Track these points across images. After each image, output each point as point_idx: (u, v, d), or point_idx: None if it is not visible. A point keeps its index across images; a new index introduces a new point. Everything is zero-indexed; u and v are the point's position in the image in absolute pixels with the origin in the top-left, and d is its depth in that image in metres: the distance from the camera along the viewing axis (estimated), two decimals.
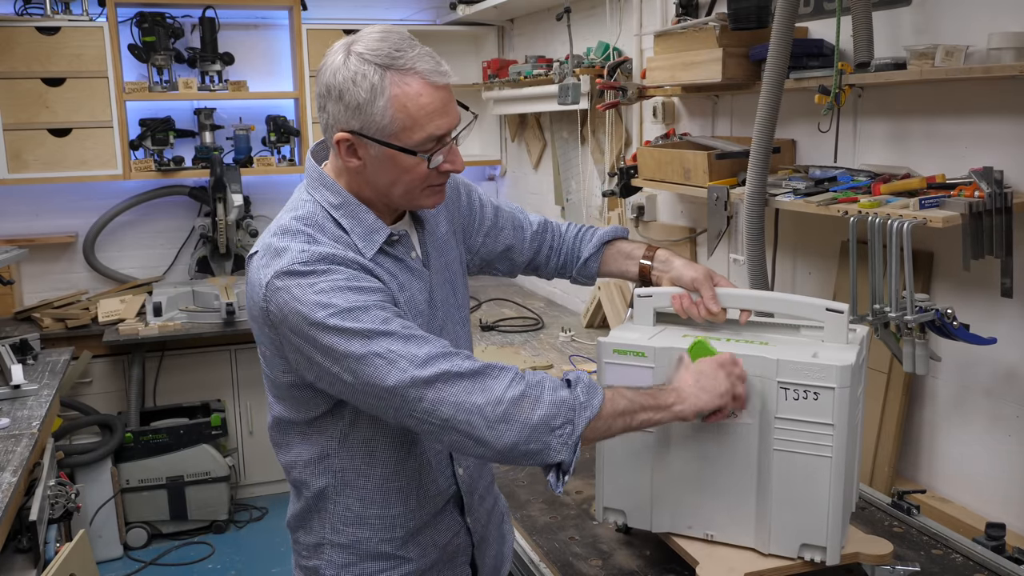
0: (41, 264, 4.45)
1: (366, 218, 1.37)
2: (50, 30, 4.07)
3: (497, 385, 1.25)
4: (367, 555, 1.45)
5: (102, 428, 4.00)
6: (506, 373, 1.27)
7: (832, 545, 1.45)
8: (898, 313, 1.87)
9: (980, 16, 1.94)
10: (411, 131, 1.29)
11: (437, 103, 1.29)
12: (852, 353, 1.45)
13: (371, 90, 1.27)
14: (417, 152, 1.30)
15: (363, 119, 1.28)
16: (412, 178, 1.33)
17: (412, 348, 1.24)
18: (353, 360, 1.24)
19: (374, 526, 1.44)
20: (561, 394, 1.27)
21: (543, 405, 1.25)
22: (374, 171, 1.33)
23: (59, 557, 2.41)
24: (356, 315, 1.24)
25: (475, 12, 4.39)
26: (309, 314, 1.24)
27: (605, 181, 3.52)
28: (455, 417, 1.24)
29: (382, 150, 1.30)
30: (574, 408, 1.27)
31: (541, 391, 1.26)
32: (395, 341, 1.24)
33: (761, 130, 2.24)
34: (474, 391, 1.24)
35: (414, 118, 1.28)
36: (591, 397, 1.29)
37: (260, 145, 4.64)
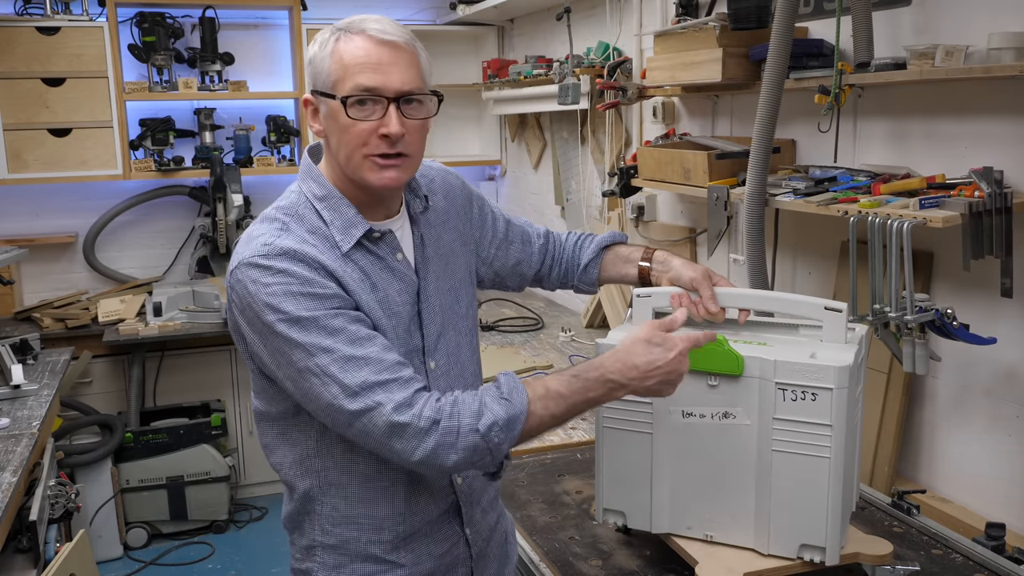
0: (41, 264, 4.45)
1: (347, 212, 1.37)
2: (50, 30, 4.07)
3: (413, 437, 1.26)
4: (357, 556, 1.44)
5: (102, 428, 4.00)
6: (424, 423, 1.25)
7: (831, 545, 1.45)
8: (898, 313, 1.87)
9: (980, 16, 1.94)
10: (343, 81, 1.31)
11: (373, 58, 1.31)
12: (850, 353, 1.45)
13: (322, 47, 1.34)
14: (336, 96, 1.31)
15: (313, 74, 1.35)
16: (350, 139, 1.32)
17: (348, 374, 1.26)
18: (294, 371, 1.28)
19: (362, 526, 1.43)
20: (473, 440, 1.27)
21: (457, 452, 1.27)
22: (331, 137, 1.36)
23: (59, 557, 2.41)
24: (302, 326, 1.26)
25: (475, 12, 4.39)
26: (260, 314, 1.28)
27: (605, 181, 3.52)
28: (379, 450, 1.29)
29: (328, 107, 1.33)
30: (489, 451, 1.28)
31: (456, 439, 1.26)
32: (333, 363, 1.26)
33: (761, 130, 2.23)
34: (392, 438, 1.26)
35: (346, 67, 1.31)
36: (508, 433, 1.28)
37: (260, 145, 4.64)
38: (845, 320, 1.51)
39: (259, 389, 1.43)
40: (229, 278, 1.33)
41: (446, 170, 1.62)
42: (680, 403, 1.51)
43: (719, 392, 1.48)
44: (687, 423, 1.51)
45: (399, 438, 1.26)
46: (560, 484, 2.07)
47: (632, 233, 3.47)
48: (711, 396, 1.49)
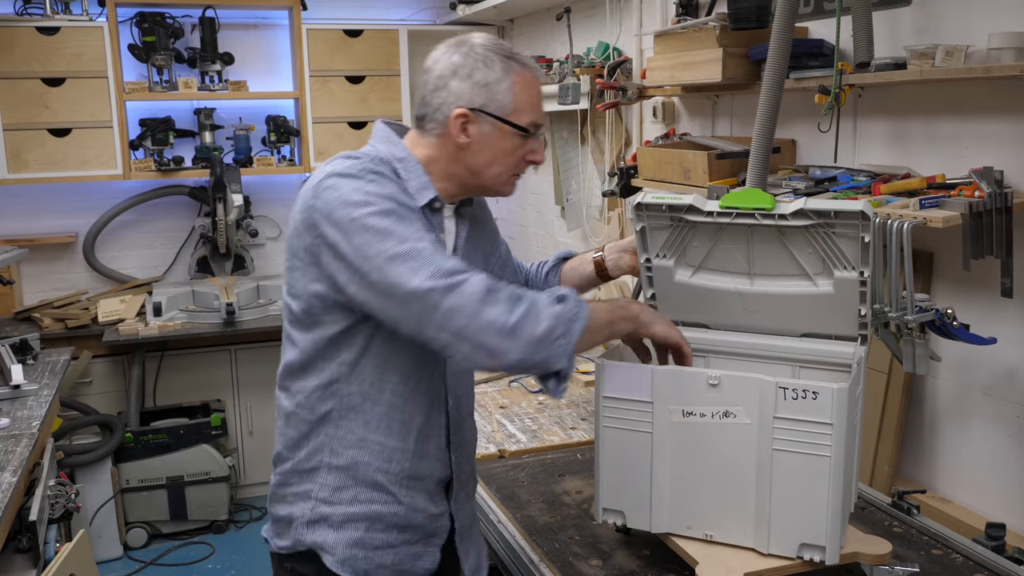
0: (41, 264, 4.46)
1: (422, 177, 1.48)
2: (50, 30, 4.07)
3: (507, 301, 1.32)
4: (362, 481, 1.49)
5: (102, 428, 4.00)
6: (514, 291, 1.35)
7: (831, 545, 1.45)
8: (898, 313, 1.87)
9: (980, 16, 1.94)
10: (522, 114, 1.46)
11: (538, 97, 1.50)
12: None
13: (500, 71, 1.44)
14: (529, 131, 1.47)
15: (487, 96, 1.44)
16: (509, 160, 1.48)
17: (439, 259, 1.32)
18: (383, 259, 1.32)
19: (374, 452, 1.49)
20: (556, 308, 1.35)
21: (544, 319, 1.33)
22: (478, 149, 1.47)
23: (59, 557, 2.41)
24: (396, 217, 1.34)
25: (475, 12, 4.39)
26: (353, 210, 1.34)
27: (605, 181, 3.52)
28: (468, 327, 1.30)
29: (495, 128, 1.45)
30: (570, 319, 1.36)
31: (540, 308, 1.34)
32: (425, 249, 1.32)
33: (761, 130, 2.23)
34: (486, 304, 1.30)
35: (527, 103, 1.46)
36: (580, 308, 1.38)
37: (260, 145, 4.64)
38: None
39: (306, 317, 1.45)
40: (315, 189, 1.39)
41: None
42: (680, 402, 1.51)
43: (719, 391, 1.48)
44: (687, 422, 1.51)
45: (493, 304, 1.31)
46: (560, 484, 2.07)
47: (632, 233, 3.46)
48: (711, 395, 1.49)
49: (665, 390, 1.52)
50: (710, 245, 1.67)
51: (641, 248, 1.73)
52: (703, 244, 1.67)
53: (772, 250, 1.61)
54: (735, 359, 1.73)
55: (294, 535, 1.53)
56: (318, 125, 4.53)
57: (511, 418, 2.55)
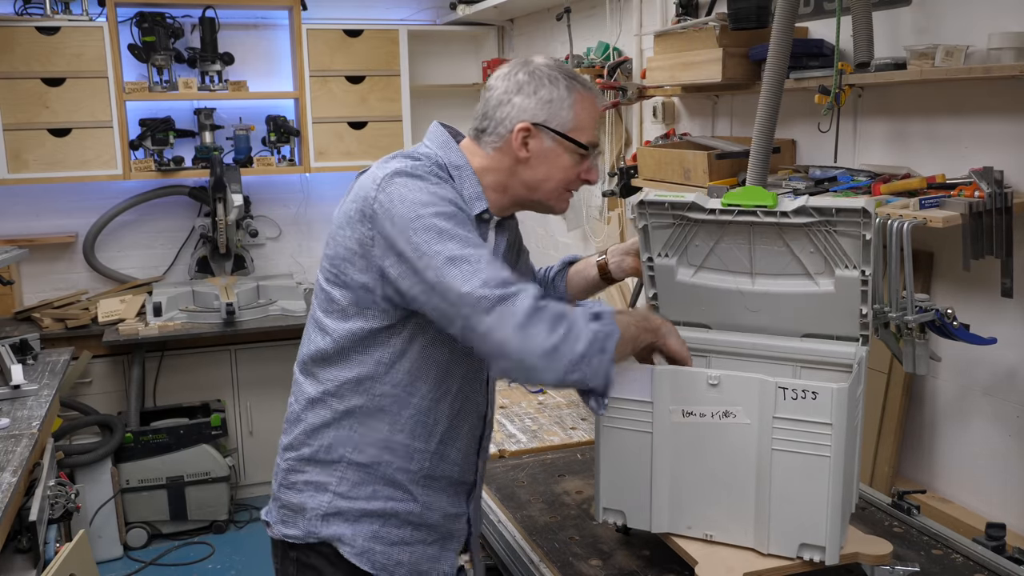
0: (41, 264, 4.45)
1: (475, 186, 1.51)
2: (50, 30, 4.07)
3: (549, 322, 1.33)
4: (382, 479, 1.50)
5: (102, 428, 4.00)
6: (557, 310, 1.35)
7: (831, 545, 1.45)
8: (898, 313, 1.87)
9: (980, 16, 1.94)
10: (581, 132, 1.50)
11: (596, 119, 1.55)
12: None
13: (565, 90, 1.49)
14: (588, 148, 1.51)
15: (550, 112, 1.48)
16: (564, 177, 1.52)
17: (495, 269, 1.35)
18: (442, 259, 1.34)
19: (396, 452, 1.50)
20: (593, 327, 1.36)
21: (583, 340, 1.33)
22: (536, 164, 1.50)
23: (59, 557, 2.41)
24: (457, 222, 1.38)
25: (475, 12, 4.39)
26: (418, 209, 1.37)
27: (605, 181, 3.52)
28: (510, 342, 1.31)
29: (555, 143, 1.49)
30: (606, 337, 1.36)
31: (581, 326, 1.35)
32: (484, 257, 1.35)
33: (761, 130, 2.23)
34: (530, 323, 1.31)
35: (587, 122, 1.51)
36: (615, 325, 1.39)
37: (260, 145, 4.64)
38: None
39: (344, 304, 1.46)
40: (379, 184, 1.40)
41: None
42: (680, 402, 1.51)
43: (719, 391, 1.48)
44: (687, 422, 1.51)
45: (538, 321, 1.32)
46: (560, 484, 2.07)
47: (632, 233, 3.46)
48: (711, 395, 1.49)
49: (665, 390, 1.52)
50: (712, 243, 1.67)
51: (643, 247, 1.73)
52: (705, 243, 1.67)
53: (774, 249, 1.61)
54: (736, 359, 1.73)
55: (306, 526, 1.52)
56: (318, 125, 4.53)
57: (511, 418, 2.55)
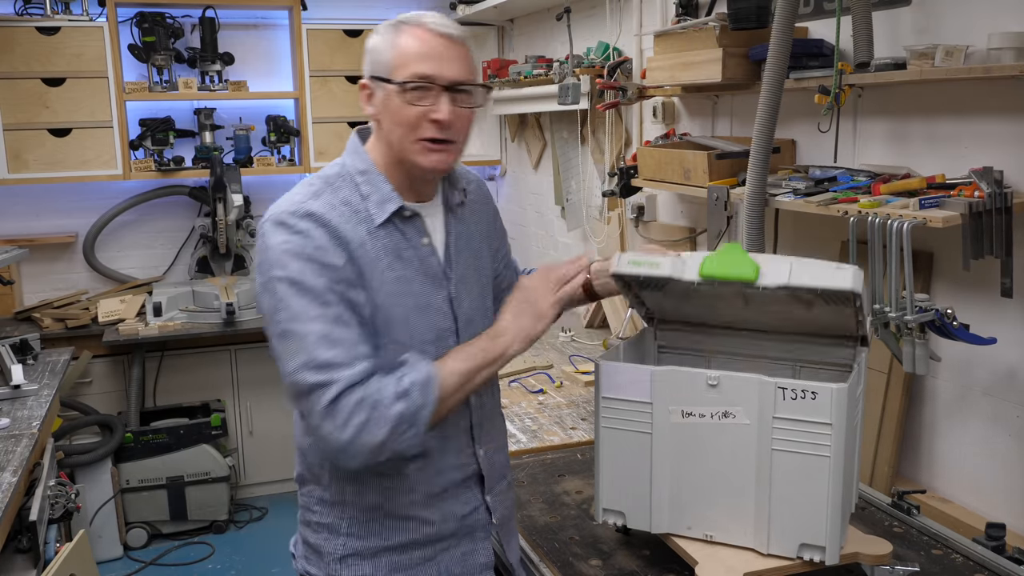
0: (41, 264, 4.45)
1: (383, 187, 1.45)
2: (50, 30, 4.07)
3: (345, 416, 1.31)
4: (390, 514, 1.49)
5: (102, 428, 4.00)
6: (349, 402, 1.31)
7: (831, 545, 1.45)
8: (898, 313, 1.87)
9: (980, 16, 1.94)
10: (401, 68, 1.39)
11: (428, 48, 1.39)
12: None
13: (382, 38, 1.42)
14: (392, 80, 1.39)
15: (374, 60, 1.43)
16: (403, 121, 1.40)
17: (319, 349, 1.32)
18: (278, 329, 1.35)
19: (397, 489, 1.48)
20: (398, 408, 1.33)
21: (384, 425, 1.32)
22: (383, 119, 1.43)
23: (59, 557, 2.41)
24: (299, 289, 1.33)
25: (475, 12, 4.39)
26: (269, 267, 1.36)
27: (605, 181, 3.52)
28: (317, 432, 1.34)
29: (384, 91, 1.41)
30: (414, 414, 1.34)
31: (384, 411, 1.32)
32: (311, 334, 1.32)
33: (761, 130, 2.23)
34: (325, 420, 1.31)
35: (405, 55, 1.39)
36: (426, 396, 1.35)
37: (260, 145, 4.64)
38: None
39: None
40: (258, 227, 1.42)
41: (482, 180, 1.72)
42: (680, 403, 1.51)
43: (719, 391, 1.48)
44: (687, 423, 1.51)
45: (331, 419, 1.31)
46: (560, 484, 2.07)
47: (632, 233, 3.47)
48: (711, 395, 1.49)
49: (664, 390, 1.52)
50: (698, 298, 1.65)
51: (630, 302, 1.72)
52: (691, 298, 1.65)
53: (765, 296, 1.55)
54: (735, 359, 1.73)
55: (326, 569, 1.51)
56: (318, 125, 4.53)
57: (511, 418, 2.55)
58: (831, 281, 1.41)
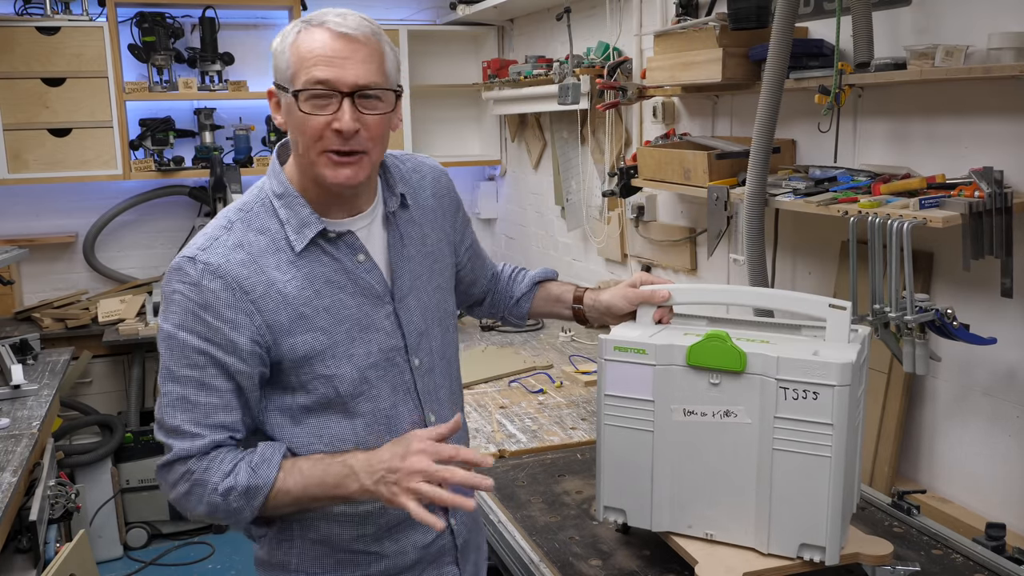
0: (41, 264, 4.45)
1: (301, 211, 1.36)
2: (50, 30, 4.07)
3: (172, 480, 1.33)
4: (340, 549, 1.43)
5: (102, 428, 4.00)
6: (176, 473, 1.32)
7: (831, 545, 1.45)
8: (898, 313, 1.87)
9: (980, 16, 1.94)
10: (298, 74, 1.30)
11: (330, 51, 1.29)
12: (853, 352, 1.45)
13: (283, 40, 1.34)
14: (289, 89, 1.31)
15: (275, 68, 1.35)
16: (305, 132, 1.31)
17: (171, 411, 1.32)
18: (160, 377, 1.35)
19: (344, 523, 1.42)
20: (214, 499, 1.31)
21: (203, 505, 1.33)
22: (291, 130, 1.36)
23: (59, 557, 2.41)
24: (170, 344, 1.32)
25: (475, 12, 4.39)
26: (162, 310, 1.34)
27: (605, 181, 3.52)
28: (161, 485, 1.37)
29: (286, 101, 1.33)
30: (229, 512, 1.33)
31: (203, 493, 1.32)
32: (169, 393, 1.32)
33: (761, 130, 2.24)
34: (161, 474, 1.35)
35: (303, 59, 1.30)
36: (248, 502, 1.32)
37: (260, 145, 4.64)
38: (848, 318, 1.51)
39: None
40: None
41: (440, 169, 1.61)
42: (681, 401, 1.51)
43: (720, 390, 1.48)
44: (688, 421, 1.51)
45: (165, 477, 1.34)
46: (560, 484, 2.07)
47: (632, 233, 3.47)
48: (712, 394, 1.49)
49: (666, 389, 1.52)
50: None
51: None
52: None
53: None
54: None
55: None
56: None
57: (511, 418, 2.55)
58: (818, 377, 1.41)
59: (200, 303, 1.29)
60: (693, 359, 1.49)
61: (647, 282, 1.65)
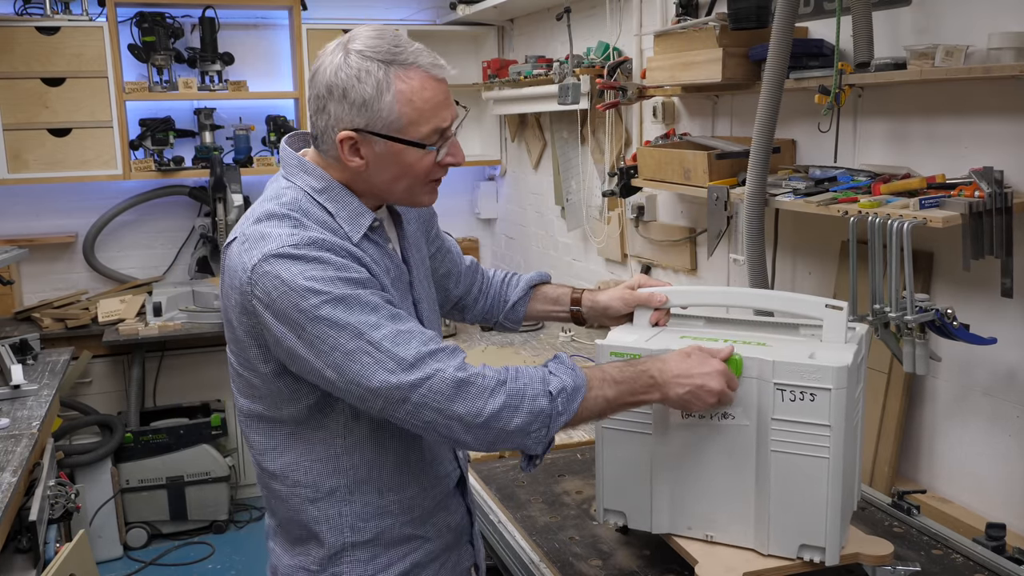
0: (41, 264, 4.45)
1: (351, 202, 1.36)
2: (50, 30, 4.07)
3: (480, 395, 1.26)
4: (391, 542, 1.44)
5: (102, 428, 4.00)
6: (489, 381, 1.27)
7: (831, 545, 1.45)
8: (898, 313, 1.87)
9: (980, 16, 1.94)
10: (418, 125, 1.30)
11: (440, 96, 1.32)
12: (849, 354, 1.44)
13: (376, 86, 1.27)
14: (426, 145, 1.32)
15: (369, 116, 1.29)
16: (417, 172, 1.34)
17: (401, 348, 1.24)
18: (340, 355, 1.24)
19: (394, 512, 1.43)
20: (540, 403, 1.28)
21: (521, 414, 1.27)
22: (377, 169, 1.33)
23: (59, 557, 2.40)
24: (348, 305, 1.24)
25: (475, 12, 4.39)
26: (299, 301, 1.23)
27: (605, 181, 3.52)
28: (436, 421, 1.26)
29: (388, 146, 1.31)
30: (551, 417, 1.29)
31: (521, 401, 1.28)
32: (385, 339, 1.24)
33: (761, 130, 2.23)
34: (456, 400, 1.25)
35: (420, 111, 1.30)
36: (569, 404, 1.30)
37: (260, 145, 4.64)
38: (846, 319, 1.51)
39: (262, 393, 1.37)
40: (250, 275, 1.26)
41: None
42: None
43: None
44: (686, 423, 1.51)
45: (464, 398, 1.24)
46: (560, 484, 2.07)
47: (632, 233, 3.47)
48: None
49: None
50: None
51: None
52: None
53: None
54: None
55: None
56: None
57: None
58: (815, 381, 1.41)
59: (336, 266, 1.25)
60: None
61: (645, 285, 1.66)
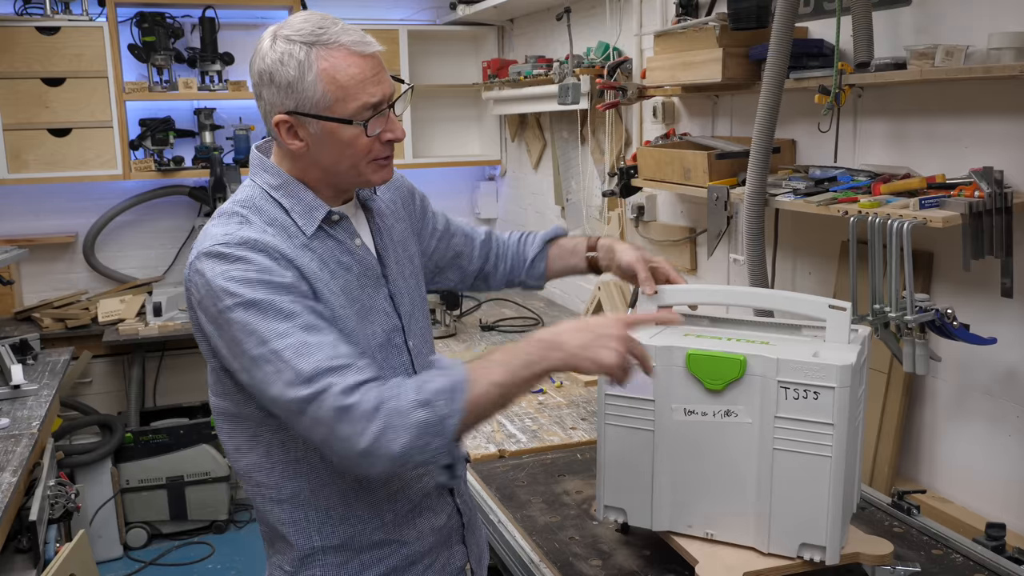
0: (41, 264, 4.45)
1: (304, 196, 1.38)
2: (50, 30, 4.07)
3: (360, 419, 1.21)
4: (363, 547, 1.42)
5: (102, 428, 4.00)
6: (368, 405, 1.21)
7: (831, 545, 1.45)
8: (898, 313, 1.87)
9: (980, 16, 1.94)
10: (344, 102, 1.31)
11: (368, 72, 1.32)
12: (853, 353, 1.45)
13: (299, 67, 1.29)
14: (353, 121, 1.32)
15: (297, 97, 1.31)
16: (355, 151, 1.35)
17: (301, 360, 1.22)
18: (248, 360, 1.25)
19: (362, 517, 1.41)
20: (418, 416, 1.21)
21: (404, 434, 1.21)
22: (318, 150, 1.35)
23: (59, 557, 2.41)
24: (260, 309, 1.24)
25: (475, 12, 4.39)
26: (216, 301, 1.26)
27: (605, 181, 3.52)
28: (329, 441, 1.23)
29: (320, 125, 1.32)
30: (438, 424, 1.22)
31: (398, 419, 1.21)
32: (287, 348, 1.23)
33: (761, 130, 2.24)
34: (340, 423, 1.21)
35: (345, 88, 1.31)
36: (452, 403, 1.23)
37: None
38: (849, 319, 1.51)
39: (228, 390, 1.38)
40: (187, 271, 1.31)
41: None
42: (682, 401, 1.52)
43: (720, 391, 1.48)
44: (688, 421, 1.51)
45: (346, 422, 1.21)
46: (560, 484, 2.07)
47: (632, 233, 3.47)
48: (713, 395, 1.49)
49: (667, 389, 1.52)
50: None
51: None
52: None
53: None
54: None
55: None
56: None
57: (511, 418, 2.55)
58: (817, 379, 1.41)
59: (259, 269, 1.26)
60: (693, 368, 1.50)
61: (662, 269, 1.65)
